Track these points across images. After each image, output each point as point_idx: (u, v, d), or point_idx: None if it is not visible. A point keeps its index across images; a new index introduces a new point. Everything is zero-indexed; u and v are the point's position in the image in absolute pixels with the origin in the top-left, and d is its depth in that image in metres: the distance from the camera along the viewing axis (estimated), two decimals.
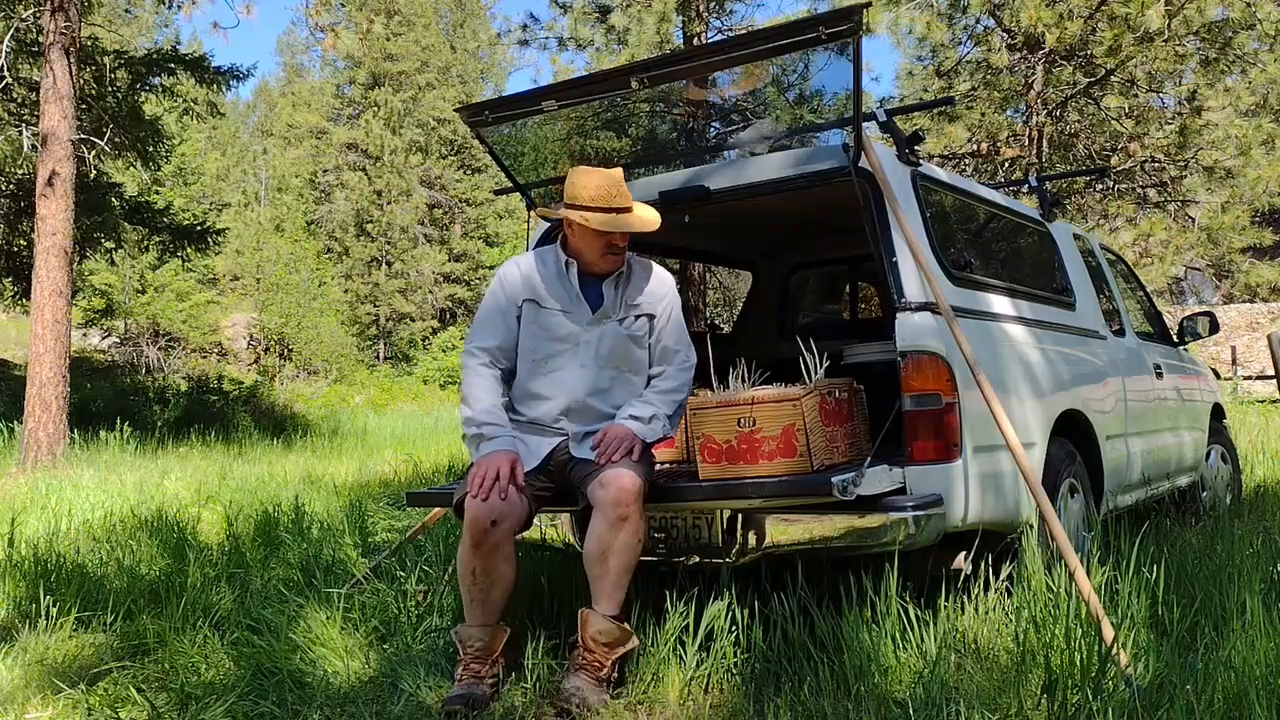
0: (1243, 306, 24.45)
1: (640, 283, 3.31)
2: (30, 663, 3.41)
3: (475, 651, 2.99)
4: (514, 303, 3.25)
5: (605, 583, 2.96)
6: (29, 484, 7.93)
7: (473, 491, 2.96)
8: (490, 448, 3.05)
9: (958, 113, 14.99)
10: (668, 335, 3.31)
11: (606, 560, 2.95)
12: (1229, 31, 14.06)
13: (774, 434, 3.11)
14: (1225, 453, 6.09)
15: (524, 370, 3.25)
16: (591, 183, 3.15)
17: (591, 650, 2.91)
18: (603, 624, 2.93)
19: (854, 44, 3.06)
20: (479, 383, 3.21)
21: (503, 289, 3.28)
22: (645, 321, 3.28)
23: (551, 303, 3.23)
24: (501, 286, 3.29)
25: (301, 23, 41.08)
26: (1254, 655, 2.52)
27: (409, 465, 9.63)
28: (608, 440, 3.06)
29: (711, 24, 15.73)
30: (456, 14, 48.34)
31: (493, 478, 2.96)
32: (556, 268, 3.26)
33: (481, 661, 2.98)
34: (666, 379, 3.29)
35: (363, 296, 39.56)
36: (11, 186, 14.46)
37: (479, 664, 2.98)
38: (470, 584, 3.03)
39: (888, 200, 3.29)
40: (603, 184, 3.15)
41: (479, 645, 2.99)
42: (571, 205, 3.15)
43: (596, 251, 3.21)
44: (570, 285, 3.24)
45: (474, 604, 3.03)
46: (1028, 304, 3.95)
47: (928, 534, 2.97)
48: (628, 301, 3.26)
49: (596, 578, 2.98)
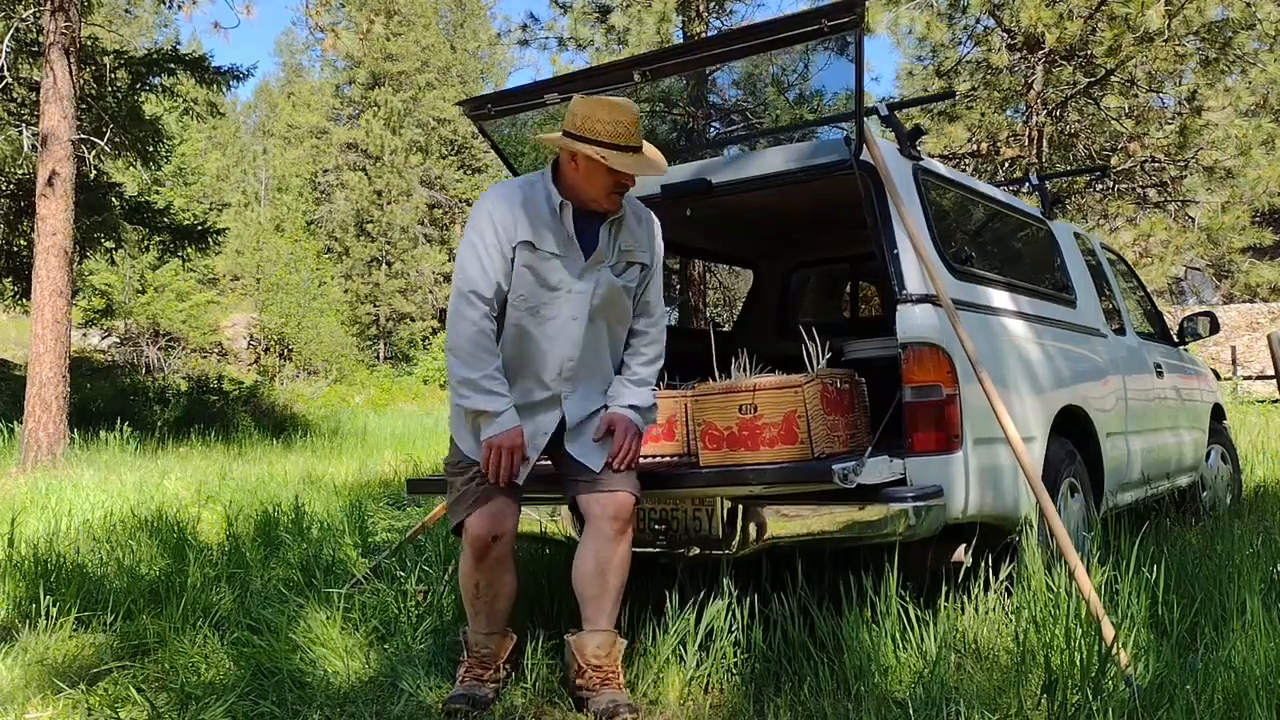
0: (1243, 306, 24.45)
1: (633, 227, 3.01)
2: (30, 663, 3.41)
3: (480, 657, 2.98)
4: (509, 244, 2.86)
5: (605, 601, 2.90)
6: (29, 484, 7.92)
7: (491, 475, 2.82)
8: (504, 424, 2.82)
9: (958, 113, 14.99)
10: (653, 288, 3.08)
11: (606, 578, 2.90)
12: (1229, 31, 14.06)
13: (775, 421, 3.11)
14: (1225, 453, 6.09)
15: (514, 322, 2.90)
16: (610, 116, 2.81)
17: (600, 667, 2.85)
18: (602, 638, 2.88)
19: (855, 36, 3.06)
20: (482, 340, 2.83)
21: (494, 227, 2.86)
22: (637, 271, 3.02)
23: (548, 245, 2.88)
24: (493, 223, 2.87)
25: (301, 23, 41.11)
26: (1254, 655, 2.52)
27: (409, 465, 9.63)
28: (621, 442, 2.94)
29: (711, 24, 15.74)
30: (456, 14, 48.33)
31: (509, 462, 2.82)
32: (549, 206, 2.90)
33: (485, 666, 2.97)
34: (650, 344, 3.09)
35: (363, 296, 39.56)
36: (11, 186, 14.46)
37: (482, 669, 2.97)
38: (474, 597, 3.00)
39: (889, 193, 3.29)
40: (623, 119, 2.82)
41: (485, 652, 2.98)
42: (582, 138, 2.82)
43: (602, 191, 2.88)
44: (563, 227, 2.89)
45: (479, 615, 3.01)
46: (1028, 300, 3.96)
47: (928, 525, 2.97)
48: (621, 247, 2.97)
49: (594, 597, 2.90)
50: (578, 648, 2.87)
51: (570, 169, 2.90)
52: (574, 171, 2.89)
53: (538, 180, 2.96)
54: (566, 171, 2.91)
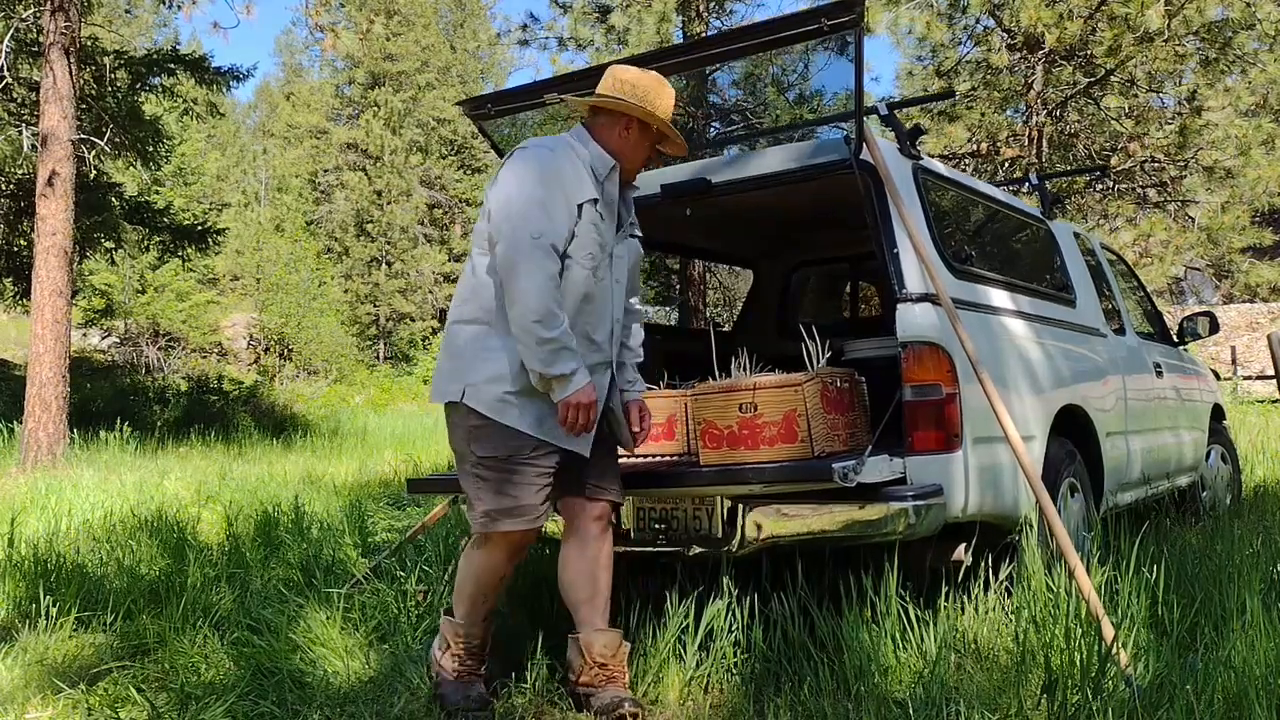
0: (1243, 306, 24.45)
1: (631, 200, 3.06)
2: (30, 663, 3.41)
3: (474, 647, 2.94)
4: (577, 198, 2.77)
5: (599, 601, 2.90)
6: (29, 484, 7.92)
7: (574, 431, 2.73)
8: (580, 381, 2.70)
9: (958, 113, 14.99)
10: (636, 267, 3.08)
11: (597, 578, 2.91)
12: (1229, 31, 14.06)
13: (775, 419, 3.11)
14: (1225, 453, 6.09)
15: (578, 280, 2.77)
16: (668, 93, 2.90)
17: (606, 665, 2.84)
18: (609, 637, 2.87)
19: (855, 36, 3.06)
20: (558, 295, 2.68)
21: (562, 179, 2.77)
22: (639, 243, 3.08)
23: (604, 206, 2.85)
24: (561, 176, 2.77)
25: (301, 23, 41.09)
26: (1254, 655, 2.52)
27: (409, 465, 9.63)
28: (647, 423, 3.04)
29: (711, 24, 15.74)
30: (456, 14, 48.33)
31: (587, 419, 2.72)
32: (602, 166, 2.87)
33: (478, 658, 2.95)
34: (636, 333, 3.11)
35: (363, 296, 39.56)
36: (11, 186, 14.46)
37: (475, 660, 2.94)
38: (492, 590, 2.94)
39: (889, 192, 3.29)
40: (673, 98, 2.92)
41: (475, 643, 2.95)
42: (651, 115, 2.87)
43: (638, 162, 2.95)
44: (611, 190, 2.89)
45: (483, 605, 2.95)
46: (1028, 299, 3.96)
47: (928, 524, 2.97)
48: (630, 218, 3.04)
49: (588, 599, 2.89)
50: (585, 646, 2.86)
51: (618, 136, 2.90)
52: (622, 138, 2.90)
53: (576, 143, 2.90)
54: (609, 138, 2.90)
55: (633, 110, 2.86)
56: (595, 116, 2.95)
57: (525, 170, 2.77)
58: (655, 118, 2.87)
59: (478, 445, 2.79)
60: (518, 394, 2.76)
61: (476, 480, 2.81)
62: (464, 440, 2.83)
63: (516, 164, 2.80)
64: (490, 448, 2.78)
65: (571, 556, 2.93)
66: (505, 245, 2.69)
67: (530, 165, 2.77)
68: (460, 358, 2.83)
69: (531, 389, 2.75)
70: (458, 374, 2.82)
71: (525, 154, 2.82)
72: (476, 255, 2.87)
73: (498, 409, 2.76)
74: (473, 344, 2.81)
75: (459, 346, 2.84)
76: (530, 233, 2.66)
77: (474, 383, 2.78)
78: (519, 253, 2.66)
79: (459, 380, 2.81)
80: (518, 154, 2.84)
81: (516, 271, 2.66)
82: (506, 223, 2.70)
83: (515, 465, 2.77)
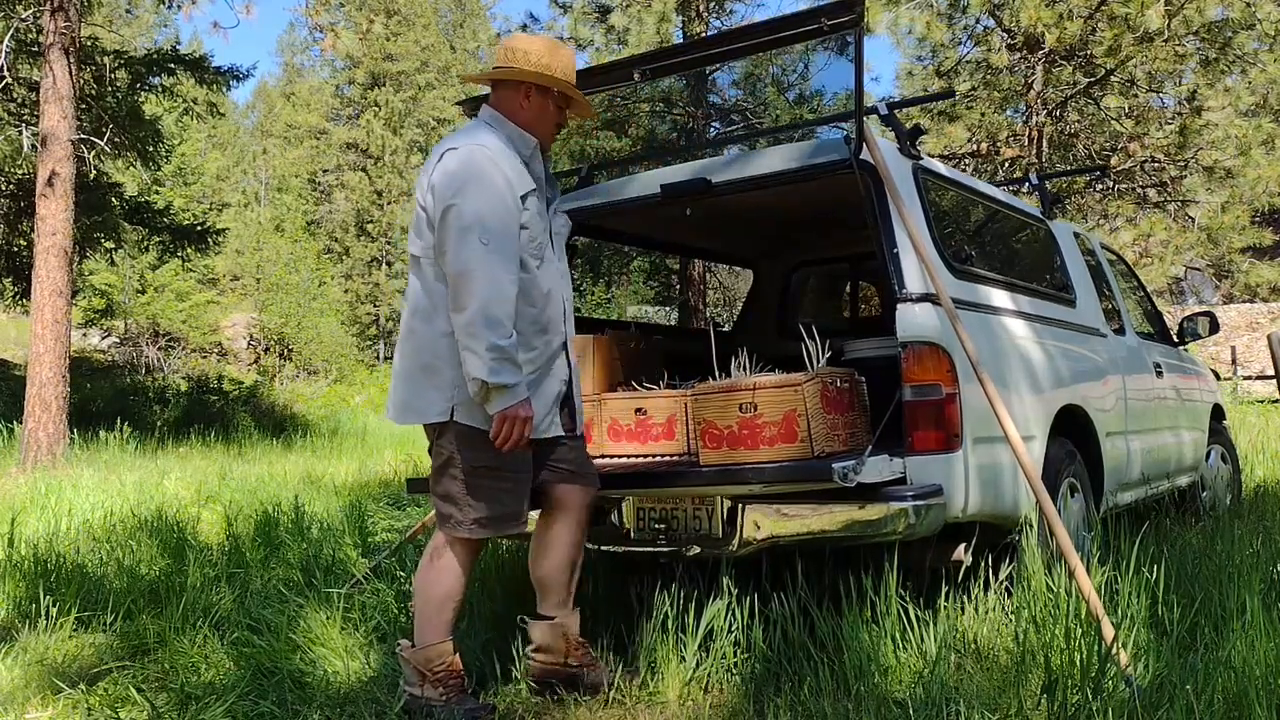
0: (1243, 306, 24.45)
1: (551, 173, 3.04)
2: (30, 663, 3.41)
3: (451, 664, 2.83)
4: (519, 192, 2.76)
5: (574, 584, 3.00)
6: (29, 484, 7.92)
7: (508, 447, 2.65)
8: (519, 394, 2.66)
9: (958, 112, 14.99)
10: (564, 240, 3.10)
11: (574, 562, 2.98)
12: (1229, 31, 14.06)
13: (775, 419, 3.11)
14: (1225, 453, 6.09)
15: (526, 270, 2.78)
16: (569, 59, 2.90)
17: (584, 643, 2.99)
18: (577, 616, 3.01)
19: (855, 36, 3.06)
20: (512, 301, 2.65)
21: (503, 175, 2.73)
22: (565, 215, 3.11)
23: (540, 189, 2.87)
24: (504, 174, 2.73)
25: (301, 23, 41.08)
26: (1254, 655, 2.52)
27: (409, 465, 9.63)
28: None
29: (711, 24, 15.75)
30: (456, 14, 48.35)
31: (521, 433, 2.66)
32: (525, 146, 2.86)
33: (458, 674, 2.85)
34: None
35: (363, 296, 39.57)
36: (11, 186, 14.46)
37: (457, 676, 2.84)
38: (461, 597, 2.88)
39: (889, 192, 3.29)
40: (572, 59, 2.92)
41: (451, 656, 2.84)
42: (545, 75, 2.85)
43: (550, 131, 2.93)
44: (538, 167, 2.88)
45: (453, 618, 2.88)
46: (1028, 299, 3.96)
47: (928, 524, 2.97)
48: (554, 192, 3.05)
49: (565, 582, 2.97)
50: (569, 629, 2.95)
51: (519, 109, 2.88)
52: (524, 111, 2.88)
53: (490, 128, 2.85)
54: (511, 112, 2.88)
55: (525, 76, 2.85)
56: (496, 92, 2.93)
57: (465, 174, 2.69)
58: (552, 78, 2.85)
59: (469, 453, 2.75)
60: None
61: (468, 487, 2.77)
62: (452, 446, 2.77)
63: (454, 168, 2.71)
64: (485, 456, 2.74)
65: (561, 540, 2.95)
66: (456, 254, 2.62)
67: (469, 168, 2.70)
68: (438, 374, 2.74)
69: None
70: (440, 391, 2.74)
71: (459, 156, 2.73)
72: (428, 267, 2.77)
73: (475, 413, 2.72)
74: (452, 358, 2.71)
75: (429, 362, 2.75)
76: (480, 239, 2.62)
77: (461, 401, 2.72)
78: (472, 261, 2.60)
79: (444, 399, 2.73)
80: (450, 157, 2.74)
81: (471, 279, 2.59)
82: (455, 231, 2.64)
83: (506, 473, 2.78)
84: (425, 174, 2.81)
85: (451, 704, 2.78)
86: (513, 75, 2.86)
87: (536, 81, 2.86)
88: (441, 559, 2.85)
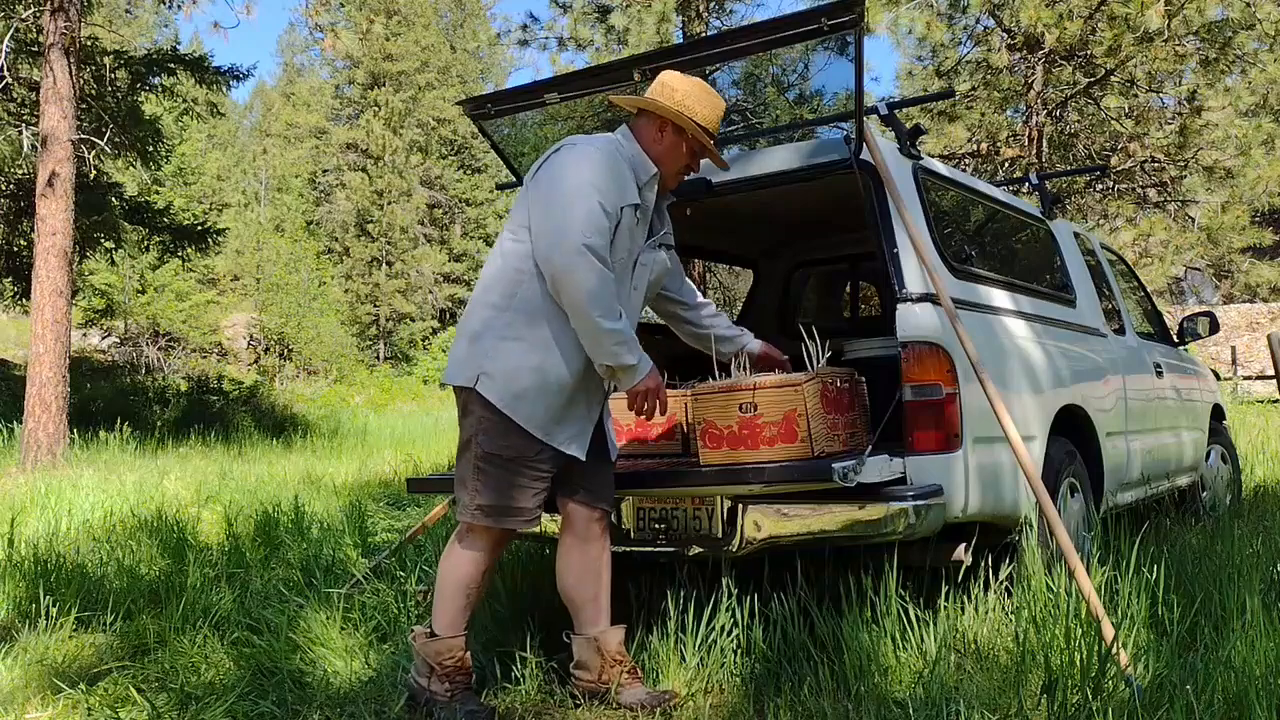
0: (1243, 306, 24.46)
1: (666, 211, 3.06)
2: (30, 663, 3.40)
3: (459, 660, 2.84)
4: (619, 203, 2.75)
5: (604, 598, 2.95)
6: (29, 484, 7.92)
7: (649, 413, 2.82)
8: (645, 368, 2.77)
9: (958, 113, 15.00)
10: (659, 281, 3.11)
11: (600, 575, 2.95)
12: (1229, 31, 14.07)
13: (775, 419, 3.11)
14: (1225, 453, 6.09)
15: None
16: (711, 102, 2.88)
17: (622, 660, 2.91)
18: (621, 633, 2.94)
19: (855, 36, 3.06)
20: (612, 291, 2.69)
21: (610, 179, 2.74)
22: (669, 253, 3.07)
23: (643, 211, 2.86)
24: (612, 179, 2.75)
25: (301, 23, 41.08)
26: (1254, 655, 2.52)
27: (409, 465, 9.63)
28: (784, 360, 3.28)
29: (711, 24, 15.74)
30: (456, 14, 48.36)
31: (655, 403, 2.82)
32: (644, 172, 2.86)
33: (465, 671, 2.87)
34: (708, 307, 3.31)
35: (363, 297, 39.58)
36: (11, 186, 14.47)
37: (464, 674, 2.86)
38: (476, 587, 2.87)
39: (889, 192, 3.29)
40: (720, 108, 2.90)
41: (461, 653, 2.85)
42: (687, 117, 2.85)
43: (675, 170, 2.93)
44: (649, 195, 2.89)
45: (467, 608, 2.88)
46: (1028, 299, 3.96)
47: (928, 524, 2.97)
48: (665, 228, 3.03)
49: (593, 596, 2.93)
50: (603, 644, 2.89)
51: (653, 141, 2.89)
52: (656, 144, 2.89)
53: (623, 144, 2.88)
54: (647, 142, 2.90)
55: (666, 113, 2.85)
56: (638, 119, 2.95)
57: (576, 169, 2.73)
58: (689, 121, 2.85)
59: (485, 439, 2.77)
60: (531, 391, 2.74)
61: (478, 473, 2.79)
62: (473, 428, 2.79)
63: (567, 161, 2.76)
64: (497, 445, 2.75)
65: (573, 557, 2.94)
66: (555, 249, 2.65)
67: (581, 164, 2.73)
68: (478, 342, 2.77)
69: (544, 388, 2.74)
70: (473, 358, 2.77)
71: (576, 152, 2.78)
72: (508, 240, 2.81)
73: (510, 404, 2.73)
74: (492, 330, 2.76)
75: (477, 330, 2.79)
76: (582, 237, 2.64)
77: (489, 372, 2.74)
78: (570, 257, 2.63)
79: (474, 365, 2.76)
80: (568, 150, 2.79)
81: (572, 277, 2.63)
82: (555, 223, 2.67)
83: (518, 467, 2.77)
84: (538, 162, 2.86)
85: (455, 702, 2.77)
86: (652, 108, 2.88)
87: (674, 120, 2.87)
88: (460, 544, 2.87)
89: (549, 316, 2.73)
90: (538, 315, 2.74)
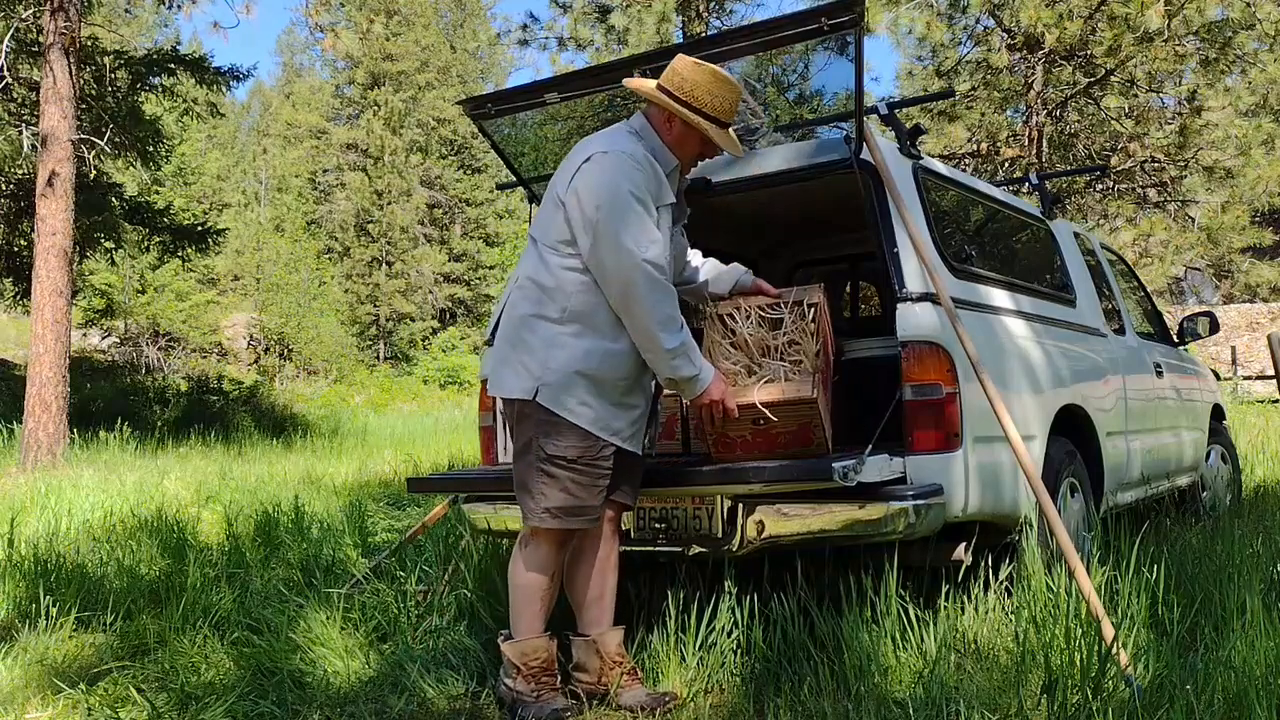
0: (1243, 306, 24.46)
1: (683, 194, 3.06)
2: (30, 663, 3.41)
3: (544, 662, 2.85)
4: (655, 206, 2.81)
5: (608, 599, 2.96)
6: (29, 484, 7.92)
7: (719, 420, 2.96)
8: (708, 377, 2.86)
9: (958, 112, 15.00)
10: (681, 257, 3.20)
11: (606, 577, 2.96)
12: (1229, 31, 14.07)
13: (790, 429, 3.10)
14: (1225, 453, 6.09)
15: None
16: (721, 91, 2.83)
17: (621, 661, 2.91)
18: (620, 634, 2.95)
19: (855, 35, 3.06)
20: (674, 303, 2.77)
21: (650, 186, 2.78)
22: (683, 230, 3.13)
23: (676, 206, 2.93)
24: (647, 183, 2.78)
25: (301, 23, 41.11)
26: (1254, 655, 2.52)
27: (409, 465, 9.63)
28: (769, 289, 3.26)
29: (711, 24, 15.74)
30: (456, 14, 48.35)
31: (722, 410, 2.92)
32: (666, 164, 2.88)
33: (551, 672, 2.87)
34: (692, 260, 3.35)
35: (363, 297, 39.57)
36: (11, 186, 14.47)
37: (550, 675, 2.86)
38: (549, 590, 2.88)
39: (889, 192, 3.29)
40: (731, 97, 2.86)
41: (545, 655, 2.87)
42: (693, 107, 2.82)
43: (690, 157, 2.93)
44: (673, 187, 2.91)
45: (544, 610, 2.89)
46: (1028, 299, 3.96)
47: (928, 524, 2.97)
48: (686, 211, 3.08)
49: (597, 599, 2.95)
50: (602, 645, 2.90)
51: (664, 129, 2.88)
52: (667, 132, 2.88)
53: (637, 138, 2.87)
54: (659, 129, 2.89)
55: (669, 108, 2.84)
56: (651, 105, 2.93)
57: (614, 182, 2.72)
58: (691, 117, 2.81)
59: (548, 442, 2.77)
60: (592, 397, 2.77)
61: (542, 475, 2.78)
62: (532, 431, 2.79)
63: (604, 173, 2.74)
64: (561, 447, 2.76)
65: (584, 554, 2.95)
66: (617, 270, 2.68)
67: (619, 177, 2.73)
68: (533, 353, 2.78)
69: (601, 390, 2.77)
70: (529, 370, 2.78)
71: (609, 162, 2.76)
72: (551, 256, 2.79)
73: (573, 409, 2.76)
74: (546, 342, 2.77)
75: (531, 343, 2.79)
76: (642, 257, 2.68)
77: (549, 383, 2.75)
78: (633, 277, 2.68)
79: (531, 378, 2.77)
80: (600, 161, 2.77)
81: (635, 293, 2.69)
82: (610, 243, 2.69)
83: (582, 466, 2.78)
84: (566, 171, 2.84)
85: (542, 701, 2.80)
86: (657, 101, 2.86)
87: (678, 116, 2.84)
88: (525, 550, 2.88)
89: (603, 326, 2.77)
90: (591, 325, 2.76)
